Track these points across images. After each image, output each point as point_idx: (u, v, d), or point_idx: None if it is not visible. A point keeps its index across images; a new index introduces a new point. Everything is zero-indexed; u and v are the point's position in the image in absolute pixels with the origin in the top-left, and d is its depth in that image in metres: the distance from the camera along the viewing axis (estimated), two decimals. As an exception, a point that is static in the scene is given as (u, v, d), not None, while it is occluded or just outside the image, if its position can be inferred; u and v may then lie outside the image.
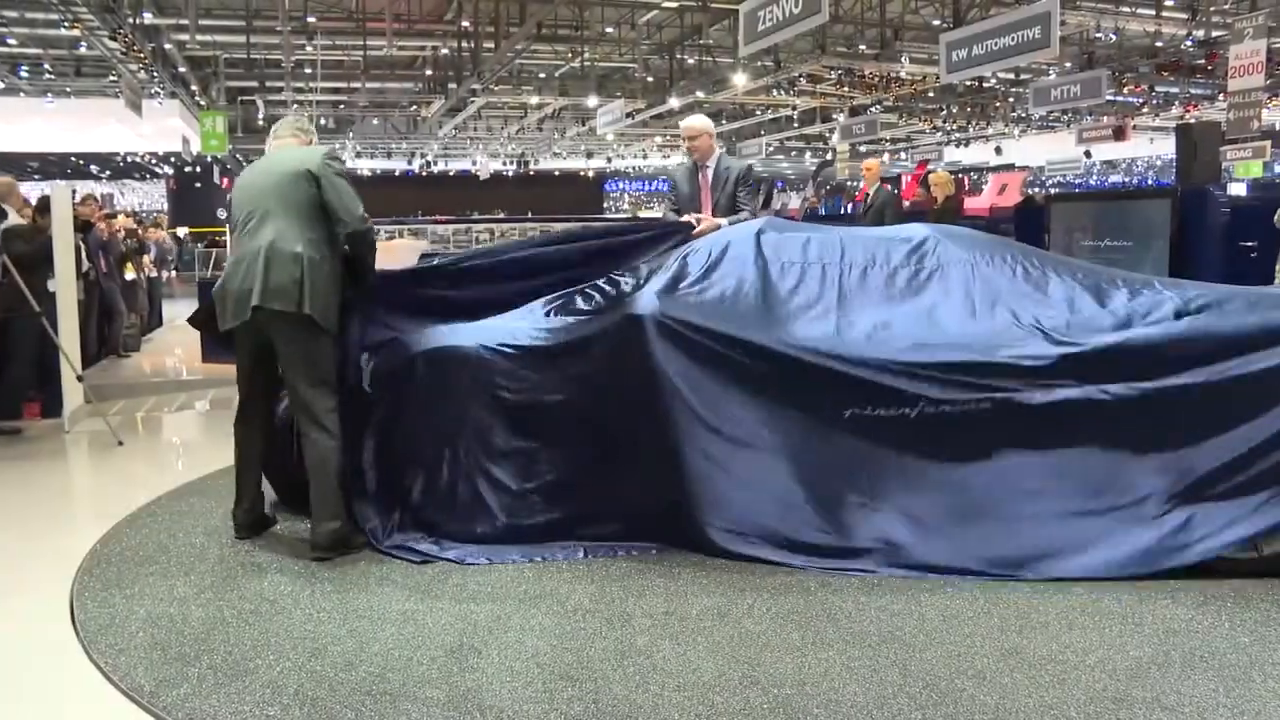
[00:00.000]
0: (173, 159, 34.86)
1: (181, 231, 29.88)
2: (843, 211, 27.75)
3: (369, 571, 4.06)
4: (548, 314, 4.51)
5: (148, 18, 17.38)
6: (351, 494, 4.31)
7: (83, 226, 9.13)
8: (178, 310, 16.71)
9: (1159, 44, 20.72)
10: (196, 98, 23.11)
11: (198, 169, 34.91)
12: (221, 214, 32.67)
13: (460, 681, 3.07)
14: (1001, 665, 3.13)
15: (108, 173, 44.04)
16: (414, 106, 26.74)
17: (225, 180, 33.90)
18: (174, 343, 12.41)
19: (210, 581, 3.98)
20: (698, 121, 6.00)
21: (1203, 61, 20.26)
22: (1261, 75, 13.69)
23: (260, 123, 27.99)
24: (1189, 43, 19.61)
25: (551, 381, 4.25)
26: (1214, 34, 18.15)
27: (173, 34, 19.02)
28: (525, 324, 4.43)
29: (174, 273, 20.90)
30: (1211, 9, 17.88)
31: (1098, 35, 20.94)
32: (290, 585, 3.92)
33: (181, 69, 21.35)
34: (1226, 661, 3.13)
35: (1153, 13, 18.06)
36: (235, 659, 3.24)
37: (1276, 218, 8.31)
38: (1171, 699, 2.89)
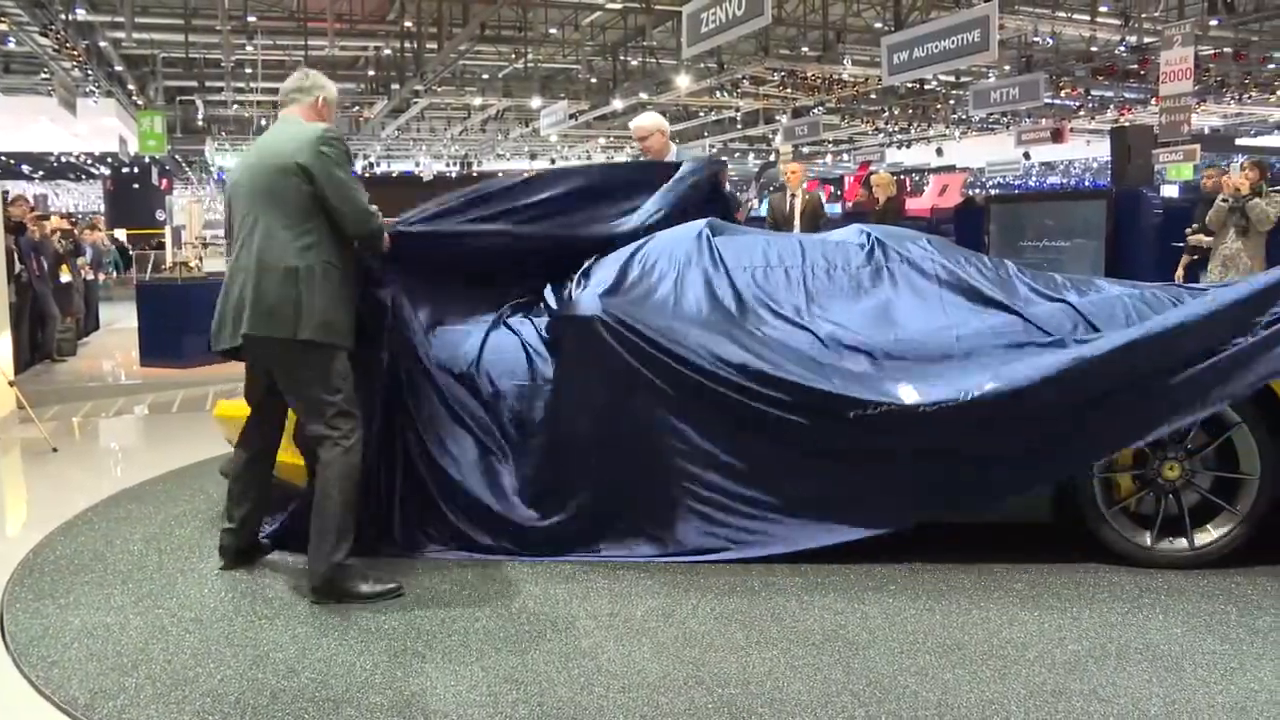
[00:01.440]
0: (109, 159, 34.21)
1: (120, 234, 29.27)
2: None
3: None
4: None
5: (80, 14, 17.02)
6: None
7: (14, 228, 8.94)
8: (115, 313, 16.40)
9: (1094, 49, 21.11)
10: (134, 97, 22.70)
11: (135, 170, 34.29)
12: (160, 215, 32.18)
13: (404, 686, 3.05)
14: (943, 661, 3.17)
15: (40, 173, 43.11)
16: (356, 107, 26.48)
17: (164, 181, 33.36)
18: (112, 346, 12.18)
19: (149, 590, 3.91)
20: (647, 120, 5.84)
21: (1136, 66, 20.68)
22: (1190, 81, 14.03)
23: (199, 123, 27.59)
24: (1122, 48, 20.01)
25: None
26: (1146, 40, 18.55)
27: (107, 31, 18.66)
28: None
29: (112, 274, 20.48)
30: (1143, 16, 18.27)
31: (1035, 39, 21.30)
32: (232, 592, 3.86)
33: (118, 67, 20.95)
34: (1160, 653, 3.20)
35: (1088, 18, 18.41)
36: (175, 668, 3.19)
37: (1188, 233, 8.57)
38: (1107, 690, 2.95)
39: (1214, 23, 17.42)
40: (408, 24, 19.49)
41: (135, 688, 3.05)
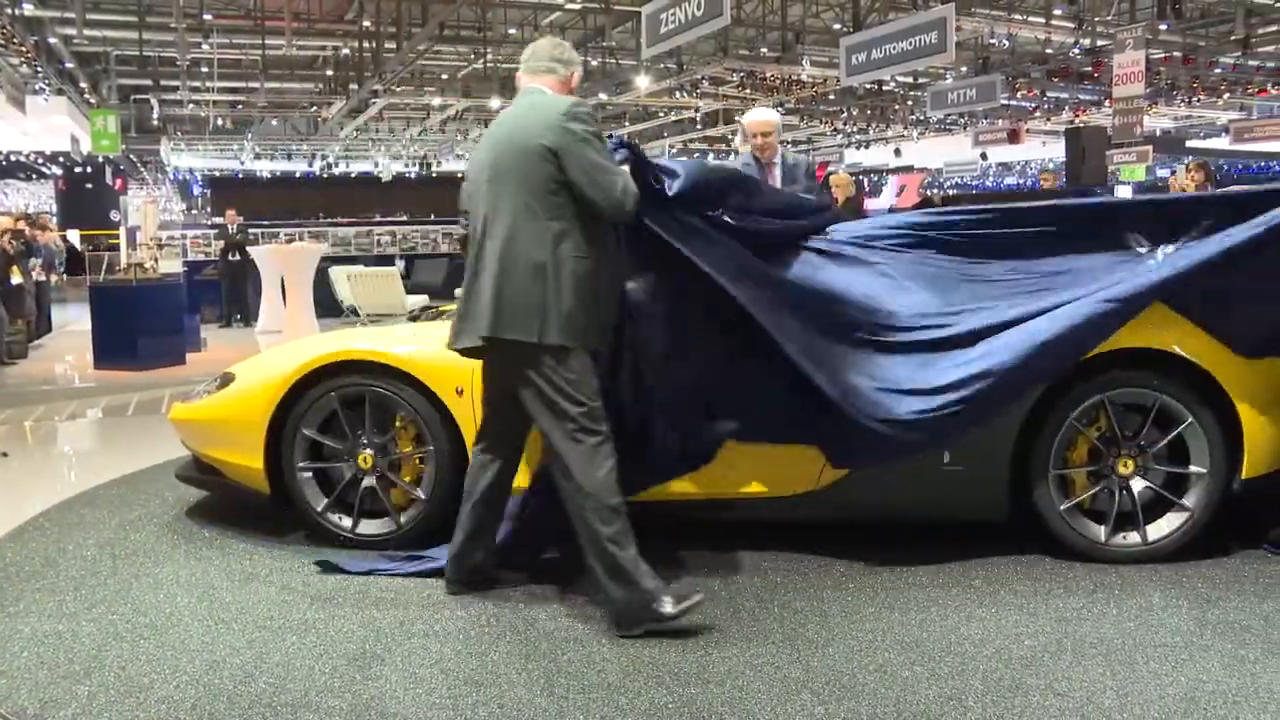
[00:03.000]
0: (61, 159, 33.66)
1: (73, 235, 28.81)
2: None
3: (270, 580, 3.98)
4: None
5: (28, 8, 16.72)
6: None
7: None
8: (68, 315, 16.18)
9: (1049, 51, 21.38)
10: (86, 95, 22.37)
11: (88, 169, 33.78)
12: (115, 216, 31.71)
13: (363, 690, 3.03)
14: (902, 659, 3.19)
15: (-12, 172, 42.35)
16: (314, 107, 26.27)
17: (119, 181, 32.88)
18: (65, 349, 12.00)
19: (103, 596, 3.85)
20: (770, 115, 5.56)
21: (1089, 69, 20.97)
22: (1142, 84, 14.26)
23: (154, 122, 27.25)
24: (1076, 50, 20.29)
25: None
26: (1099, 43, 18.82)
27: (58, 27, 18.37)
28: None
29: (63, 276, 20.18)
30: (1096, 19, 18.54)
31: (992, 41, 21.55)
32: (188, 597, 3.81)
33: (68, 64, 20.63)
34: (1114, 646, 3.25)
35: (1043, 21, 18.65)
36: (128, 675, 3.15)
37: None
38: (1063, 685, 2.99)
39: (1163, 27, 17.71)
40: (366, 23, 19.38)
41: (87, 696, 3.01)
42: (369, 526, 4.37)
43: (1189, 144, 36.08)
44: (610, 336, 3.62)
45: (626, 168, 3.54)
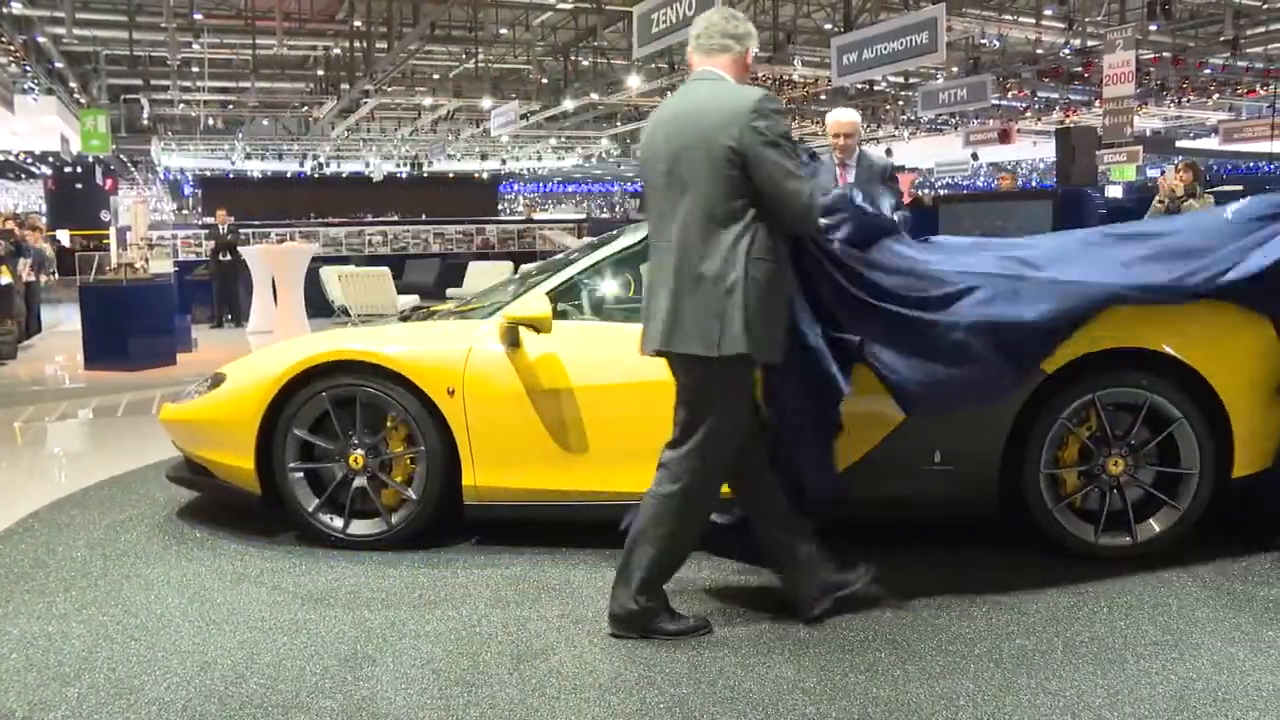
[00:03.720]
0: (51, 159, 33.53)
1: (62, 235, 28.65)
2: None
3: (261, 581, 3.97)
4: None
5: (16, 7, 16.67)
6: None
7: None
8: (59, 315, 16.12)
9: (1040, 51, 21.46)
10: (75, 95, 22.31)
11: (78, 169, 33.64)
12: (105, 216, 31.61)
13: (354, 690, 3.02)
14: (893, 658, 3.20)
15: (-23, 172, 42.19)
16: (305, 107, 26.25)
17: (109, 181, 32.78)
18: (55, 349, 11.96)
19: (93, 597, 3.84)
20: (849, 115, 5.46)
21: (1080, 69, 21.05)
22: (1132, 84, 14.31)
23: (145, 122, 27.19)
24: (1067, 51, 20.36)
25: None
26: (1089, 43, 18.88)
27: (47, 27, 18.32)
28: None
29: (53, 276, 20.11)
30: (1086, 20, 18.60)
31: (982, 41, 21.62)
32: (179, 598, 3.80)
33: (58, 64, 20.57)
34: (1104, 645, 3.26)
35: (1033, 21, 18.71)
36: (119, 677, 3.14)
37: None
38: (1054, 684, 3.00)
39: (1153, 27, 17.79)
40: (357, 23, 19.37)
41: (77, 698, 3.00)
42: (360, 527, 4.36)
43: (1179, 144, 36.22)
44: (783, 351, 3.34)
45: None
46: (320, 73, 23.27)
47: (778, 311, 3.23)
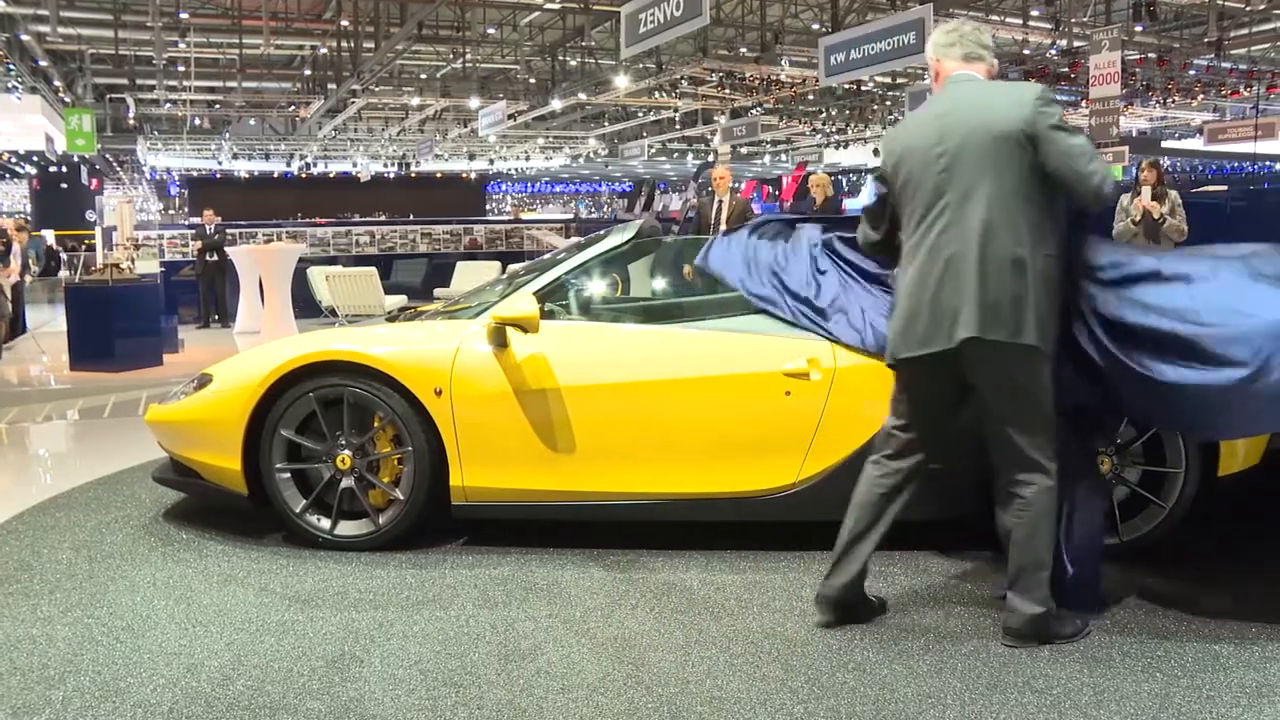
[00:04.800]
0: (35, 158, 33.40)
1: (48, 237, 28.51)
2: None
3: (248, 582, 3.96)
4: None
5: (0, 6, 16.59)
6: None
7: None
8: (43, 316, 16.04)
9: (1026, 52, 21.53)
10: (60, 94, 22.20)
11: (63, 169, 33.52)
12: (90, 216, 31.48)
13: (342, 692, 3.01)
14: (881, 656, 3.20)
15: (-41, 172, 41.93)
16: (292, 107, 26.19)
17: (95, 181, 32.66)
18: (39, 350, 11.89)
19: (78, 599, 3.82)
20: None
21: (1067, 69, 21.13)
22: (1118, 84, 14.37)
23: (131, 122, 27.08)
24: (1054, 51, 20.44)
25: None
26: (1076, 44, 18.97)
27: (30, 24, 18.22)
28: None
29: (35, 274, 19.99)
30: (1073, 21, 18.69)
31: (969, 42, 21.61)
32: (165, 600, 3.79)
33: (42, 63, 20.46)
34: (1091, 643, 3.27)
35: (1020, 22, 18.79)
36: (105, 679, 3.12)
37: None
38: (1041, 683, 3.01)
39: (1139, 29, 17.88)
40: (344, 23, 19.34)
41: (62, 701, 2.98)
42: (347, 528, 4.35)
43: (1164, 144, 36.39)
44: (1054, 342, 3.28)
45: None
46: (307, 72, 23.23)
47: (1055, 300, 3.21)
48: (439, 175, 45.39)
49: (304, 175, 41.88)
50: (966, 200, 3.15)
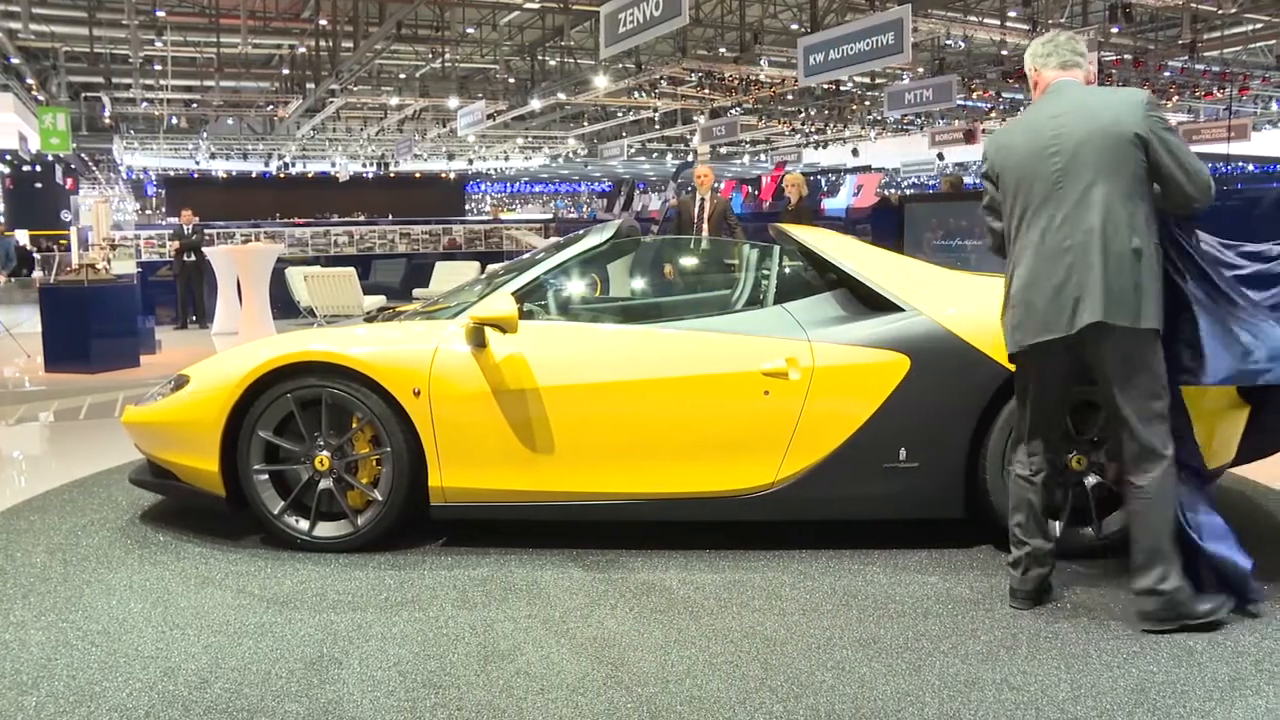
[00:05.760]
0: (8, 157, 33.07)
1: (22, 237, 28.26)
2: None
3: (226, 584, 3.93)
4: None
5: (-31, 3, 16.45)
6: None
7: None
8: (16, 317, 15.90)
9: (1004, 52, 21.65)
10: (34, 92, 22.00)
11: (38, 168, 33.20)
12: (65, 216, 31.22)
13: (320, 694, 3.00)
14: (859, 655, 3.22)
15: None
16: (270, 106, 26.05)
17: (70, 180, 32.36)
18: (13, 351, 11.78)
19: (53, 603, 3.79)
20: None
21: (1044, 69, 21.22)
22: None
23: (106, 120, 26.86)
24: (1031, 51, 20.52)
25: None
26: (1053, 44, 19.06)
27: (2, 21, 18.05)
28: None
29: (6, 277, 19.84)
30: (1050, 22, 18.80)
31: (948, 43, 21.79)
32: (141, 603, 3.76)
33: (14, 60, 20.27)
34: (1068, 640, 3.29)
35: (998, 23, 18.88)
36: (79, 684, 3.10)
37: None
38: (1018, 679, 3.03)
39: (1115, 30, 18.00)
40: (323, 22, 19.24)
41: (35, 706, 2.96)
42: (326, 529, 4.33)
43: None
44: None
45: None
46: (285, 72, 23.11)
47: (1162, 287, 3.38)
48: (418, 175, 45.26)
49: (282, 175, 41.68)
50: (1084, 196, 3.33)
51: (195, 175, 42.87)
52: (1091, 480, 4.09)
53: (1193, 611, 3.36)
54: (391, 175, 42.07)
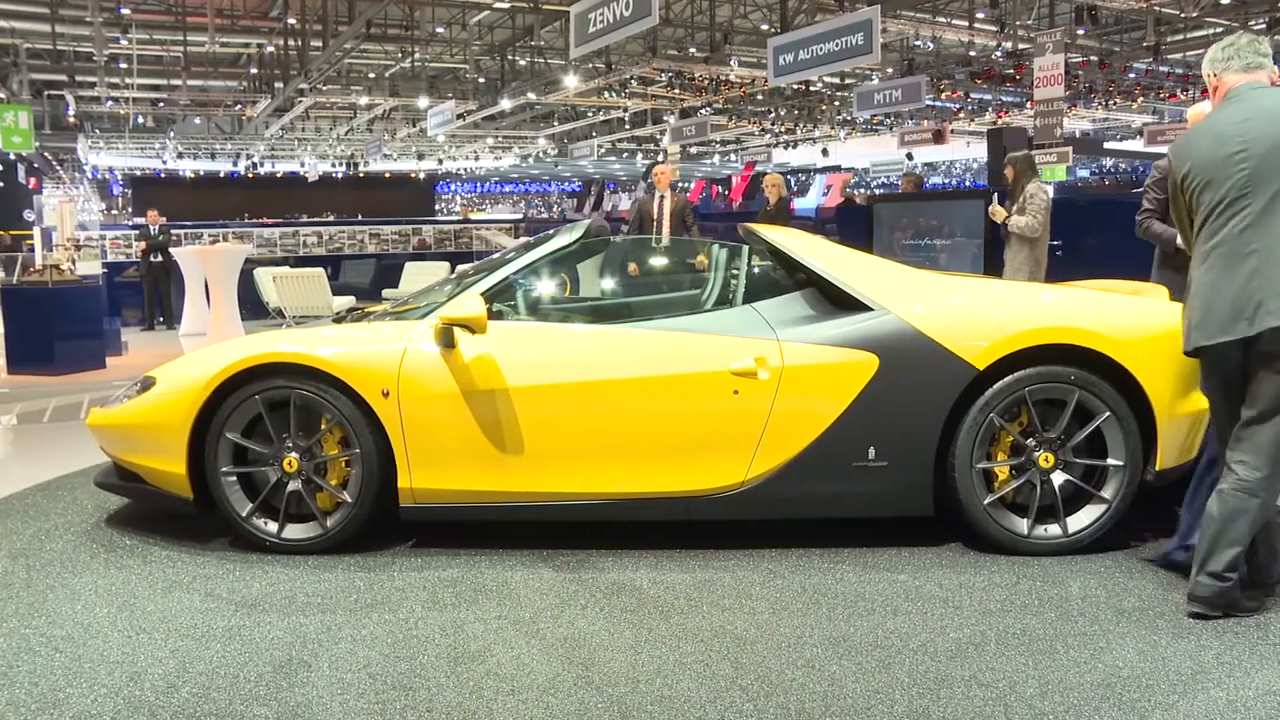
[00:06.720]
0: (-31, 156, 32.63)
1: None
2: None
3: (193, 587, 3.90)
4: None
5: (-72, -1, 16.21)
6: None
7: None
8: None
9: (973, 54, 21.81)
10: (-5, 91, 21.72)
11: (0, 168, 32.75)
12: (29, 216, 30.79)
13: (289, 697, 2.98)
14: (830, 653, 3.23)
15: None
16: (239, 106, 25.82)
17: (33, 180, 31.92)
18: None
19: (15, 609, 3.74)
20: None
21: (1012, 71, 21.42)
22: (1061, 86, 14.61)
23: (71, 119, 26.55)
24: (999, 54, 20.71)
25: None
26: (1020, 46, 19.24)
27: (-38, 20, 17.82)
28: None
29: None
30: (1018, 24, 18.96)
31: (917, 44, 21.93)
32: (107, 608, 3.72)
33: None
34: (1035, 636, 3.32)
35: (966, 24, 19.01)
36: (42, 690, 3.06)
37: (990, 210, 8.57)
38: (987, 676, 3.05)
39: (1081, 32, 18.17)
40: (291, 21, 19.09)
41: None
42: (295, 531, 4.31)
43: (1106, 145, 37.01)
44: None
45: None
46: (254, 71, 22.93)
47: None
48: (387, 175, 45.03)
49: (250, 175, 41.33)
50: (1271, 203, 3.30)
51: (162, 175, 42.42)
52: (1060, 479, 4.13)
53: (1241, 605, 3.46)
54: (361, 175, 41.85)
